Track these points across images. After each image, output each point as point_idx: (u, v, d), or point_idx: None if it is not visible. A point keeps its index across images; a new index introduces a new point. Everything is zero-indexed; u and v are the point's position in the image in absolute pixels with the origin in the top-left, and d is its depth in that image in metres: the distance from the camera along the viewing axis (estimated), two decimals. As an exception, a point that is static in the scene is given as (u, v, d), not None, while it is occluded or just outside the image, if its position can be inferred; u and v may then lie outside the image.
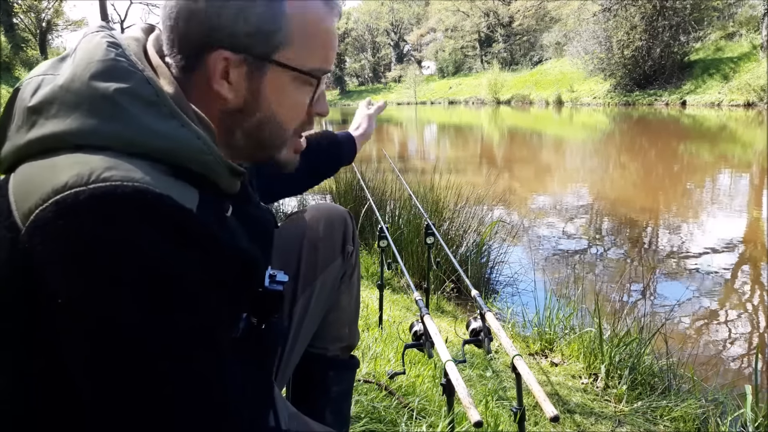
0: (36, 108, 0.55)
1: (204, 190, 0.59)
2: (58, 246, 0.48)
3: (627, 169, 9.09)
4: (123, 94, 0.55)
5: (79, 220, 0.48)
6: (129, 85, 0.55)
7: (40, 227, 0.48)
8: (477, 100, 37.76)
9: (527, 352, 2.36)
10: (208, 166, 0.58)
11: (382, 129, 20.76)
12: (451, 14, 47.45)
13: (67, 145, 0.53)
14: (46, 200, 0.48)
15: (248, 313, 0.69)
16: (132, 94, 0.55)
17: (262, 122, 0.65)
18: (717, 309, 3.25)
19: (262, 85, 0.63)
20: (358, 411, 1.42)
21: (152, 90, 0.57)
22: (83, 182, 0.49)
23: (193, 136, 0.57)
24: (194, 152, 0.57)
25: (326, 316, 1.09)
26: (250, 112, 0.64)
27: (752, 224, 5.21)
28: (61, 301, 0.48)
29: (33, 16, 25.58)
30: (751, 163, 8.72)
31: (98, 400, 0.49)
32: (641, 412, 1.86)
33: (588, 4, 26.41)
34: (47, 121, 0.54)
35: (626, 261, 4.19)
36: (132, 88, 0.56)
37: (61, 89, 0.55)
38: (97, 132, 0.53)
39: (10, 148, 0.56)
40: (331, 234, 1.06)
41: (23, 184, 0.52)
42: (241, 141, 0.66)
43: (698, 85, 21.68)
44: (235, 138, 0.66)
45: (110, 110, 0.54)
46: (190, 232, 0.52)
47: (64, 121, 0.53)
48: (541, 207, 6.22)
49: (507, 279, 3.58)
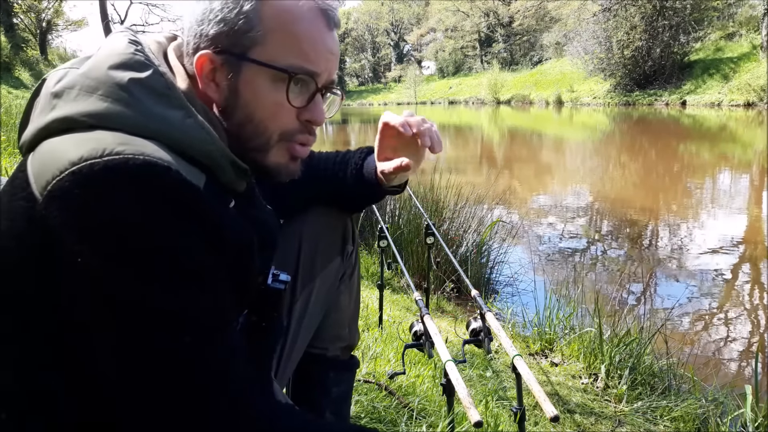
0: (58, 92, 0.60)
1: (208, 180, 0.62)
2: (75, 214, 0.52)
3: (627, 169, 9.09)
4: (136, 83, 0.60)
5: (94, 190, 0.52)
6: (143, 76, 0.60)
7: (57, 196, 0.52)
8: (477, 100, 37.76)
9: (527, 352, 2.36)
10: (212, 157, 0.62)
11: (382, 129, 20.71)
12: (451, 14, 47.46)
13: (83, 125, 0.57)
14: (63, 171, 0.52)
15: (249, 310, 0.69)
16: (145, 84, 0.60)
17: (242, 122, 0.67)
18: (717, 309, 3.25)
19: (240, 84, 0.66)
20: (358, 411, 1.42)
21: (164, 83, 0.61)
22: (98, 155, 0.53)
23: (198, 126, 0.61)
24: (198, 142, 0.61)
25: (326, 316, 1.09)
26: (230, 111, 0.67)
27: (752, 224, 5.21)
28: (78, 267, 0.51)
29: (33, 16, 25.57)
30: (751, 163, 8.72)
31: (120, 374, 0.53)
32: (641, 412, 1.86)
33: (588, 4, 26.40)
34: (66, 103, 0.59)
35: (626, 261, 4.19)
36: (145, 79, 0.60)
37: (82, 76, 0.60)
38: (110, 114, 0.58)
39: (32, 129, 0.61)
40: (331, 234, 1.06)
41: (41, 159, 0.56)
42: (230, 142, 0.68)
43: (698, 85, 21.67)
44: (237, 134, 0.68)
45: (124, 97, 0.59)
46: (196, 208, 0.56)
47: (81, 104, 0.58)
48: (541, 207, 6.22)
49: (507, 279, 3.58)
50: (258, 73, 0.65)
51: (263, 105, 0.66)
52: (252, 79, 0.65)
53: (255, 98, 0.66)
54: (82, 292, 0.52)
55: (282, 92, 0.66)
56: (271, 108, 0.67)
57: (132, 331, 0.52)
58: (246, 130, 0.67)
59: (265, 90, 0.66)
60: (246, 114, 0.67)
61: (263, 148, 0.69)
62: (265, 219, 0.76)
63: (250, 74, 0.65)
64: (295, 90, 0.67)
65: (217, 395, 0.55)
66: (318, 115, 0.70)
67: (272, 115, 0.67)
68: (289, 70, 0.65)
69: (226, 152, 0.63)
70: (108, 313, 0.52)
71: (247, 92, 0.66)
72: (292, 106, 0.67)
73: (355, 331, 1.19)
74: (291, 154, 0.71)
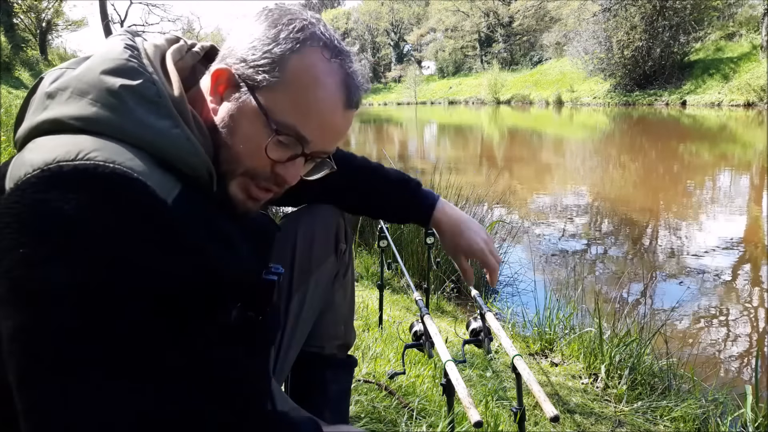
0: (51, 93, 0.61)
1: (193, 189, 0.62)
2: (26, 205, 0.51)
3: (627, 169, 9.09)
4: (127, 90, 0.60)
5: (56, 189, 0.52)
6: (134, 83, 0.61)
7: (18, 188, 0.53)
8: (477, 100, 37.75)
9: (527, 352, 2.36)
10: (194, 168, 0.62)
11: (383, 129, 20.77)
12: (451, 14, 47.45)
13: (70, 128, 0.58)
14: (35, 169, 0.53)
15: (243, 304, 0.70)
16: (135, 91, 0.61)
17: (222, 144, 0.67)
18: (717, 309, 3.25)
19: (236, 112, 0.66)
20: (358, 411, 1.42)
21: (155, 91, 0.62)
22: (70, 158, 0.53)
23: (183, 136, 0.61)
24: (182, 152, 0.61)
25: (321, 314, 1.10)
26: (219, 129, 0.67)
27: (752, 224, 5.21)
28: (3, 264, 0.50)
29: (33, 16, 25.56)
30: (751, 163, 8.72)
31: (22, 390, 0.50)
32: (641, 412, 1.86)
33: (588, 4, 26.41)
34: (58, 105, 0.60)
35: (626, 261, 4.19)
36: (137, 86, 0.61)
37: (75, 79, 0.61)
38: (98, 119, 0.58)
39: (25, 127, 0.62)
40: (325, 233, 1.07)
41: (21, 157, 0.56)
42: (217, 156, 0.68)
43: (698, 85, 21.67)
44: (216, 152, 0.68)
45: (113, 103, 0.59)
46: (152, 221, 0.55)
47: (71, 106, 0.59)
48: (541, 207, 6.22)
49: (507, 279, 3.58)
50: (255, 113, 0.66)
51: (246, 142, 0.67)
52: (248, 114, 0.66)
53: (242, 133, 0.67)
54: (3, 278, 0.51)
55: (261, 136, 0.66)
56: (249, 145, 0.67)
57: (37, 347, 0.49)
58: (222, 152, 0.67)
59: (253, 131, 0.66)
60: (229, 140, 0.67)
61: (227, 176, 0.68)
62: (257, 221, 0.76)
63: (248, 109, 0.66)
64: (277, 145, 0.67)
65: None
66: (290, 175, 0.69)
67: (248, 153, 0.67)
68: (278, 128, 0.65)
69: (208, 165, 0.64)
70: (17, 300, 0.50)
71: (240, 122, 0.66)
72: (269, 157, 0.67)
73: (351, 330, 1.19)
74: (249, 193, 0.70)
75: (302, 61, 0.65)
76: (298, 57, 0.65)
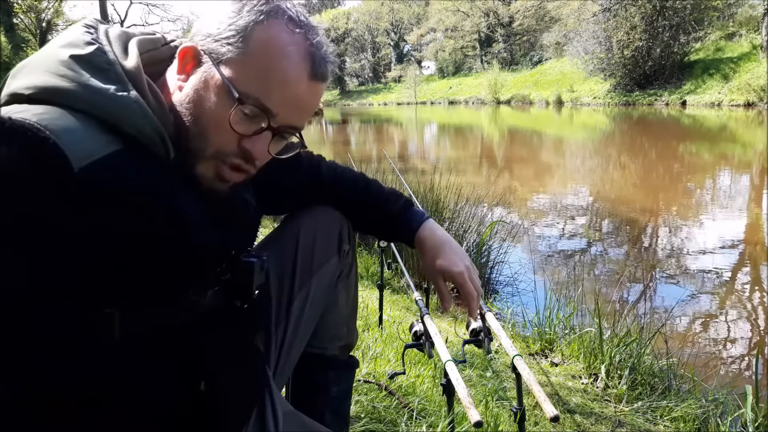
0: (13, 73, 0.65)
1: (140, 155, 0.63)
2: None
3: (627, 169, 9.09)
4: (76, 58, 0.63)
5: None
6: (84, 52, 0.64)
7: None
8: (477, 100, 37.75)
9: (527, 352, 2.36)
10: (140, 129, 0.63)
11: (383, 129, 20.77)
12: (451, 14, 47.44)
13: (25, 98, 0.61)
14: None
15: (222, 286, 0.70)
16: (84, 59, 0.63)
17: (189, 121, 0.68)
18: (717, 309, 3.25)
19: (201, 87, 0.67)
20: (358, 411, 1.42)
21: (105, 59, 0.64)
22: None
23: (131, 100, 0.63)
24: (128, 115, 0.62)
25: (323, 315, 1.09)
26: (187, 106, 0.68)
27: (752, 224, 5.21)
28: None
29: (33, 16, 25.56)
30: (752, 163, 8.72)
31: None
32: (641, 413, 1.86)
33: (588, 4, 26.40)
34: (16, 80, 0.64)
35: (626, 261, 4.19)
36: (86, 54, 0.64)
37: (34, 56, 0.65)
38: (46, 87, 0.61)
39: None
40: (327, 233, 1.06)
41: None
42: (176, 133, 0.68)
43: (698, 85, 21.67)
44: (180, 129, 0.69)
45: (63, 71, 0.62)
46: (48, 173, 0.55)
47: (26, 79, 0.63)
48: (541, 207, 6.22)
49: (507, 279, 3.58)
50: (218, 85, 0.66)
51: (211, 115, 0.67)
52: (213, 87, 0.66)
53: (208, 106, 0.67)
54: None
55: (224, 108, 0.66)
56: (214, 119, 0.67)
57: None
58: (191, 130, 0.68)
59: (219, 103, 0.66)
60: (196, 115, 0.67)
61: (196, 154, 0.68)
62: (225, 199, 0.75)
63: (213, 83, 0.66)
64: (242, 117, 0.67)
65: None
66: (257, 150, 0.69)
67: (213, 127, 0.67)
68: (241, 97, 0.65)
69: (159, 128, 0.64)
70: None
71: (205, 96, 0.67)
72: (234, 130, 0.66)
73: (354, 331, 1.19)
74: (219, 173, 0.70)
75: (266, 32, 0.65)
76: (261, 28, 0.65)
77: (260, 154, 0.69)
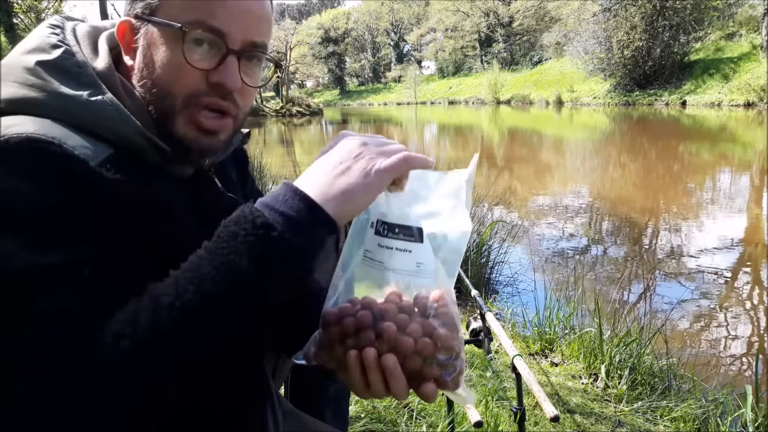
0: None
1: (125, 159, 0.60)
2: None
3: (627, 169, 9.09)
4: (43, 65, 0.60)
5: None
6: (51, 57, 0.60)
7: None
8: (477, 100, 37.77)
9: (527, 352, 2.36)
10: (122, 134, 0.60)
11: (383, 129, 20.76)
12: (451, 14, 47.46)
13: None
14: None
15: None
16: (51, 65, 0.60)
17: (150, 87, 0.64)
18: (717, 309, 3.25)
19: (146, 47, 0.64)
20: (358, 411, 1.42)
21: (73, 62, 0.61)
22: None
23: (105, 104, 0.60)
24: (105, 119, 0.59)
25: None
26: (144, 78, 0.64)
27: (752, 224, 5.21)
28: None
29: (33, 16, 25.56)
30: (752, 163, 8.72)
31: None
32: (641, 412, 1.86)
33: (588, 4, 26.42)
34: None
35: (626, 261, 4.19)
36: (53, 60, 0.60)
37: (2, 65, 0.61)
38: (16, 99, 0.58)
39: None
40: None
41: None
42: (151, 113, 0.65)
43: (698, 85, 21.69)
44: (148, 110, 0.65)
45: (30, 80, 0.59)
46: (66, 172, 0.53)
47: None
48: (541, 207, 6.22)
49: (507, 279, 3.58)
50: (160, 33, 0.62)
51: (164, 65, 0.63)
52: (155, 39, 0.63)
53: (158, 59, 0.63)
54: None
55: (175, 49, 0.62)
56: (173, 68, 0.62)
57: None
58: (154, 95, 0.64)
59: (166, 50, 0.62)
60: (153, 77, 0.64)
61: (168, 113, 0.64)
62: (218, 203, 0.72)
63: (154, 35, 0.63)
64: (197, 50, 0.62)
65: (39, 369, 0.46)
66: (228, 78, 0.63)
67: (175, 77, 0.63)
68: (183, 27, 0.61)
69: (141, 130, 0.61)
70: None
71: (151, 54, 0.63)
72: (194, 67, 0.62)
73: None
74: (198, 124, 0.64)
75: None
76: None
77: (232, 82, 0.64)
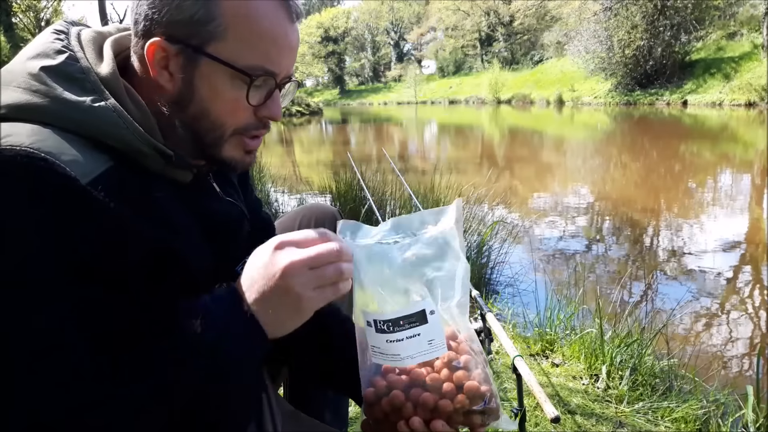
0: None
1: (125, 167, 0.60)
2: None
3: (628, 168, 9.09)
4: (47, 70, 0.59)
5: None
6: (54, 62, 0.60)
7: None
8: (477, 100, 37.77)
9: (528, 353, 2.35)
10: (125, 141, 0.60)
11: (383, 128, 20.77)
12: (452, 13, 47.46)
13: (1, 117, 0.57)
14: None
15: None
16: (55, 70, 0.60)
17: (197, 116, 0.65)
18: (718, 309, 3.25)
19: (196, 78, 0.63)
20: (359, 411, 1.42)
21: (77, 68, 0.61)
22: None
23: (108, 110, 0.59)
24: (108, 125, 0.59)
25: None
26: (185, 104, 0.65)
27: (753, 224, 5.20)
28: None
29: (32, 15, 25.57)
30: (753, 163, 8.71)
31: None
32: (642, 413, 1.85)
33: (589, 4, 26.41)
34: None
35: (627, 261, 4.19)
36: (57, 65, 0.60)
37: (4, 71, 0.61)
38: (20, 105, 0.58)
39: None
40: None
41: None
42: (181, 132, 0.66)
43: (699, 85, 21.68)
44: (175, 128, 0.66)
45: (35, 85, 0.59)
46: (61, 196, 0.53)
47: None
48: (542, 207, 6.22)
49: (507, 279, 3.57)
50: (216, 70, 0.62)
51: (221, 102, 0.64)
52: (210, 74, 0.63)
53: (213, 95, 0.64)
54: None
55: (241, 91, 0.64)
56: (230, 106, 0.65)
57: None
58: (201, 124, 0.65)
59: (224, 88, 0.63)
60: (202, 109, 0.65)
61: (217, 143, 0.67)
62: (218, 210, 0.74)
63: (207, 69, 0.63)
64: (253, 90, 0.65)
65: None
66: (275, 111, 0.68)
67: (230, 113, 0.65)
68: (250, 73, 0.63)
69: (145, 137, 0.61)
70: None
71: (204, 87, 0.64)
72: (251, 104, 0.65)
73: None
74: (245, 148, 0.69)
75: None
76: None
77: (277, 114, 0.69)
